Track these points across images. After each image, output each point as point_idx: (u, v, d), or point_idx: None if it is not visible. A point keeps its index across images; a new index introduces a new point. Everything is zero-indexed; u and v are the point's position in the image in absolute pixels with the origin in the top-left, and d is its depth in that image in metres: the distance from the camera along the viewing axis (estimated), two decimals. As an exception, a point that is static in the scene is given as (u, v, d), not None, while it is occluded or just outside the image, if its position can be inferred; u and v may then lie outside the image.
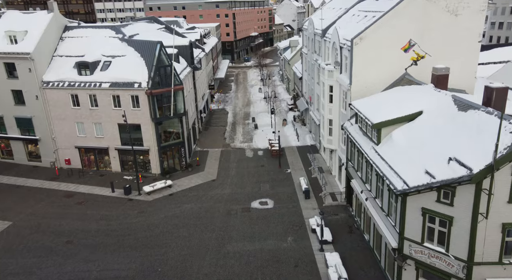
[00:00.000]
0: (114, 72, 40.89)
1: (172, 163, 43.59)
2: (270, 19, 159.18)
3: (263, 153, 48.82)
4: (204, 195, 38.00)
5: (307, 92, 55.78)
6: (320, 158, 45.28)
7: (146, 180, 41.38)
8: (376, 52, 30.83)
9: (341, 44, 34.12)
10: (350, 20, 38.48)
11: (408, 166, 21.07)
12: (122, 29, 46.50)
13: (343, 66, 34.67)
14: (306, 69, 55.25)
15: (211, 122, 62.55)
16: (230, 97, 79.92)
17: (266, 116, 62.75)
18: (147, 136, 41.26)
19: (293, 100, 71.24)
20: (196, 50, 62.68)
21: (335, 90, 36.35)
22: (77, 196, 38.01)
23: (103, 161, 43.76)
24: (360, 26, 33.11)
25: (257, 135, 55.26)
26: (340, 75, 35.11)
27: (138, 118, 40.71)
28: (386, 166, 22.74)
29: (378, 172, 23.45)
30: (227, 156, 48.17)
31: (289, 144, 51.40)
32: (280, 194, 37.49)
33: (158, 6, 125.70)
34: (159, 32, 57.61)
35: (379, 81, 31.38)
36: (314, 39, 47.73)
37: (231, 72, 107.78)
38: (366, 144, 26.86)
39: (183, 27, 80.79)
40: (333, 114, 37.05)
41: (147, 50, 40.93)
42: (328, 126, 38.05)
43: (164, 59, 40.43)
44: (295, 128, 55.42)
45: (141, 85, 39.55)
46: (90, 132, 42.30)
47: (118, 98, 40.43)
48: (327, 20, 43.37)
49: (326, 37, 40.81)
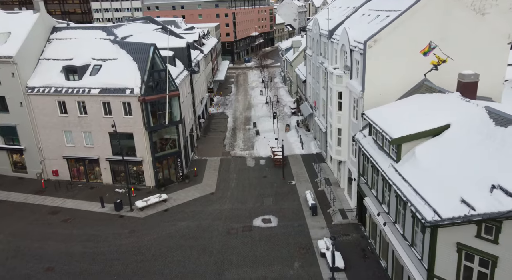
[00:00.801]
0: (104, 77, 37.80)
1: (167, 174, 40.48)
2: (271, 19, 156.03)
3: (265, 162, 45.72)
4: (201, 211, 34.90)
5: (311, 96, 52.67)
6: (327, 168, 42.16)
7: (140, 193, 38.30)
8: (392, 55, 27.71)
9: (351, 47, 31.01)
10: (360, 20, 35.37)
11: (438, 192, 17.95)
12: (114, 30, 43.40)
13: (353, 70, 31.56)
14: (310, 72, 52.15)
15: (210, 128, 59.45)
16: (230, 100, 76.84)
17: (267, 121, 59.64)
18: (140, 146, 38.18)
19: (296, 103, 68.12)
20: (194, 51, 59.62)
21: (344, 97, 33.23)
22: (63, 212, 34.91)
23: (94, 173, 40.66)
24: (372, 27, 29.99)
25: (258, 142, 52.16)
26: (350, 80, 32.00)
27: (130, 127, 37.62)
28: (410, 190, 19.62)
29: (400, 195, 20.34)
30: (227, 165, 45.07)
31: (292, 152, 48.29)
32: (284, 210, 34.39)
33: (156, 5, 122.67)
34: (155, 33, 54.53)
35: (395, 88, 28.26)
36: (319, 41, 44.62)
37: (231, 74, 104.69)
38: (383, 161, 23.75)
39: (181, 27, 77.67)
40: (342, 123, 33.93)
41: (139, 53, 37.82)
42: (336, 135, 34.94)
43: (158, 63, 37.32)
44: (299, 135, 52.29)
45: (133, 91, 36.45)
46: (79, 141, 39.21)
47: (108, 105, 37.35)
48: (334, 20, 40.26)
49: (334, 39, 37.70)
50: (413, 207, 18.61)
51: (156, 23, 61.49)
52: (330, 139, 37.11)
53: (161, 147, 39.62)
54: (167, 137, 40.10)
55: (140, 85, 36.46)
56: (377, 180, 25.34)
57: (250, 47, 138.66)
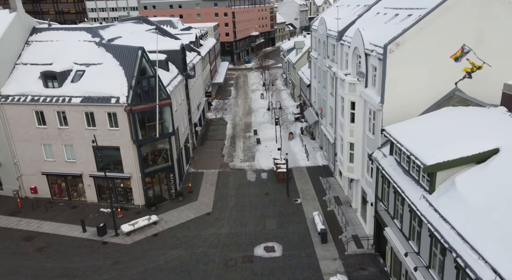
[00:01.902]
0: (87, 84, 33.74)
1: (159, 191, 36.40)
2: (271, 18, 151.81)
3: (268, 176, 41.62)
4: (196, 236, 30.84)
5: (317, 102, 48.58)
6: (335, 183, 38.06)
7: (127, 214, 34.25)
8: (417, 61, 23.61)
9: (366, 51, 26.91)
10: (374, 19, 31.28)
11: (496, 241, 13.87)
12: (100, 32, 39.30)
13: (369, 78, 27.46)
14: (316, 76, 48.06)
15: (207, 135, 55.36)
16: (229, 104, 72.75)
17: (269, 128, 55.47)
18: (128, 161, 34.11)
19: (299, 108, 64.03)
20: (190, 53, 55.54)
21: (358, 108, 29.13)
22: (38, 238, 30.84)
23: (77, 190, 36.59)
24: (391, 28, 25.91)
25: (259, 152, 48.06)
26: (366, 89, 27.90)
27: (116, 140, 33.55)
28: (453, 234, 15.52)
29: (438, 237, 16.29)
30: (225, 179, 40.98)
31: (297, 163, 44.20)
32: (289, 235, 30.32)
33: (153, 4, 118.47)
34: (148, 35, 50.43)
35: (420, 99, 24.17)
36: (326, 42, 40.53)
37: (230, 75, 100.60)
38: (411, 189, 19.69)
39: (177, 27, 73.53)
40: (356, 137, 29.84)
41: (126, 57, 33.74)
42: (348, 150, 30.84)
43: (147, 68, 33.22)
44: (304, 144, 48.14)
45: (119, 100, 32.38)
46: (59, 155, 35.14)
47: (91, 115, 33.29)
48: (343, 20, 36.18)
49: (344, 41, 33.60)
50: (460, 260, 14.54)
51: (150, 23, 57.42)
52: (341, 153, 33.00)
53: (152, 161, 35.54)
54: (158, 150, 36.03)
55: (127, 94, 32.40)
56: (403, 210, 21.28)
57: (250, 47, 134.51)
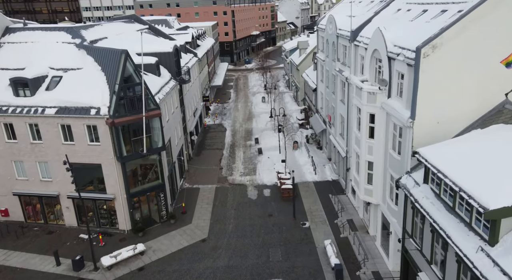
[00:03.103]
0: (64, 92, 29.32)
1: (148, 213, 32.00)
2: (272, 17, 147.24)
3: (271, 192, 37.20)
4: (188, 270, 26.42)
5: (324, 108, 44.15)
6: (348, 202, 33.66)
7: (111, 241, 29.87)
8: (458, 67, 19.19)
9: (390, 54, 22.46)
10: (396, 17, 26.82)
11: None
12: (82, 32, 34.86)
13: (393, 86, 23.00)
14: (323, 80, 43.62)
15: (204, 144, 50.91)
16: (228, 108, 68.28)
17: (271, 136, 51.00)
18: (111, 180, 29.71)
19: (303, 113, 59.56)
20: (186, 55, 51.13)
21: (379, 121, 24.67)
22: (3, 274, 26.44)
23: (54, 212, 32.19)
24: (422, 27, 21.50)
25: (261, 164, 43.61)
26: (389, 100, 23.44)
27: (97, 157, 29.15)
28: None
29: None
30: (223, 197, 36.57)
31: (303, 178, 39.74)
32: (298, 270, 25.90)
33: (150, 3, 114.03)
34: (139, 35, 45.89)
35: (460, 114, 19.74)
36: (336, 43, 36.08)
37: (230, 76, 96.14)
38: (460, 234, 15.27)
39: (173, 27, 69.03)
40: (375, 154, 25.39)
41: (109, 61, 29.31)
42: (365, 170, 26.40)
43: (133, 75, 28.78)
44: (310, 156, 43.61)
45: (99, 111, 27.95)
46: (33, 174, 30.75)
47: (68, 129, 28.90)
48: (357, 18, 31.76)
49: (359, 42, 29.16)
50: None
51: (142, 22, 52.92)
52: (356, 173, 28.54)
53: (139, 180, 31.15)
54: (147, 167, 31.63)
55: (109, 104, 27.98)
56: (445, 257, 16.86)
57: (251, 47, 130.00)
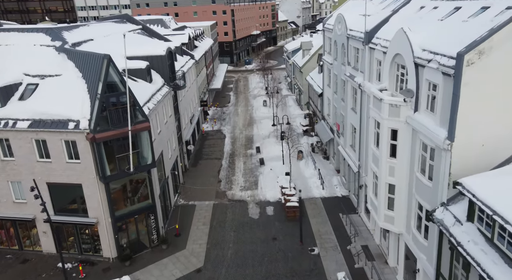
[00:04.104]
0: (40, 102, 25.76)
1: (136, 238, 28.46)
2: (273, 16, 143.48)
3: (274, 210, 33.62)
4: (180, 309, 22.94)
5: (331, 115, 40.57)
6: (361, 224, 30.09)
7: (93, 271, 26.33)
8: (509, 78, 15.60)
9: (418, 60, 18.86)
10: (420, 16, 23.18)
11: None
12: (64, 34, 31.34)
13: (422, 98, 19.39)
14: (330, 85, 40.04)
15: (202, 153, 47.31)
16: (228, 112, 64.66)
17: (274, 144, 47.35)
18: (94, 203, 26.15)
19: (308, 118, 55.94)
20: (182, 57, 47.58)
21: (403, 138, 21.07)
22: (-33, 316, 23.03)
23: (30, 237, 28.65)
24: (458, 28, 17.91)
25: (264, 177, 40.00)
26: (416, 114, 19.83)
27: (77, 176, 25.59)
28: None
29: None
30: (222, 216, 33.00)
31: (310, 193, 36.14)
32: (307, 309, 22.39)
33: (146, 2, 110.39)
34: (131, 36, 42.39)
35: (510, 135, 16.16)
36: (346, 45, 32.49)
37: (230, 78, 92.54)
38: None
39: (169, 27, 65.59)
40: (398, 177, 21.80)
41: (90, 67, 25.73)
42: (385, 193, 22.80)
43: (117, 83, 25.10)
44: (318, 168, 39.91)
45: (79, 124, 24.38)
46: (5, 194, 27.16)
47: (44, 144, 25.33)
48: (372, 17, 28.18)
49: (375, 44, 25.56)
50: None
51: (135, 22, 49.45)
52: (373, 194, 24.94)
53: (127, 200, 27.59)
54: (135, 186, 28.06)
55: (90, 116, 24.42)
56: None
57: (251, 47, 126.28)
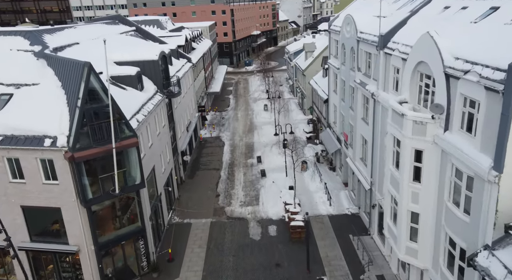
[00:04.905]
0: (13, 115, 22.73)
1: (123, 265, 25.50)
2: (273, 15, 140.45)
3: (277, 230, 30.66)
4: None
5: (338, 124, 37.61)
6: (375, 248, 27.11)
7: (75, 306, 23.39)
8: None
9: (450, 71, 15.87)
10: (446, 17, 20.16)
11: None
12: (45, 37, 28.39)
13: (454, 115, 16.39)
14: (337, 91, 37.10)
15: (199, 163, 44.35)
16: (227, 117, 61.70)
17: (276, 153, 44.26)
18: (74, 229, 23.17)
19: (311, 125, 53.03)
20: (179, 61, 44.71)
21: (429, 161, 18.07)
22: None
23: (4, 264, 25.69)
24: (501, 32, 14.92)
25: (265, 190, 37.03)
26: (447, 134, 16.83)
27: (55, 199, 22.61)
28: None
29: None
30: (220, 236, 30.03)
31: (316, 209, 33.18)
32: None
33: (144, 2, 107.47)
34: (123, 39, 39.52)
35: None
36: (356, 49, 29.50)
37: (229, 80, 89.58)
38: None
39: (166, 28, 62.60)
40: (423, 204, 18.81)
41: (70, 76, 22.75)
42: (407, 222, 19.81)
43: (99, 93, 22.14)
44: (324, 182, 36.85)
45: (56, 141, 21.41)
46: (-24, 219, 24.24)
47: (17, 163, 22.36)
48: (387, 19, 25.20)
49: (392, 49, 22.58)
50: None
51: (128, 23, 46.61)
52: (392, 221, 21.93)
53: (113, 223, 24.64)
54: (122, 208, 25.11)
55: (69, 132, 21.47)
56: None
57: (251, 47, 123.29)
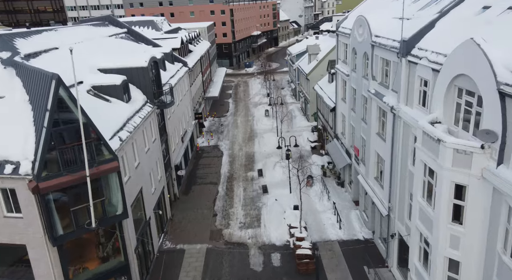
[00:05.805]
0: (-29, 135, 19.31)
1: (104, 307, 22.02)
2: (274, 15, 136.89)
3: (281, 259, 27.11)
4: None
5: (347, 136, 34.09)
6: (393, 284, 23.63)
7: None
8: None
9: (507, 89, 12.34)
10: (487, 19, 16.53)
11: None
12: (16, 42, 24.83)
13: (510, 145, 12.84)
14: (346, 99, 33.59)
15: (195, 176, 40.80)
16: (226, 124, 58.18)
17: (278, 166, 40.74)
18: (42, 269, 19.65)
19: (316, 133, 49.50)
20: (174, 65, 41.24)
21: (475, 199, 14.49)
22: None
23: (-34, 308, 22.24)
24: None
25: (268, 210, 33.48)
26: (500, 168, 13.26)
27: (20, 235, 19.12)
28: None
29: None
30: (217, 267, 26.51)
31: (324, 234, 29.65)
32: None
33: (140, 2, 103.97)
34: (111, 42, 36.04)
35: None
36: (371, 55, 25.85)
37: (228, 83, 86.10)
38: None
39: (161, 29, 59.12)
40: (465, 251, 15.23)
41: (38, 89, 19.25)
42: (443, 270, 16.20)
43: (71, 110, 18.62)
44: (333, 202, 33.25)
45: (19, 168, 17.93)
46: None
47: (-26, 194, 18.90)
48: (410, 22, 21.66)
49: (418, 58, 19.00)
50: None
51: (119, 25, 43.14)
52: (419, 262, 18.34)
53: (89, 260, 21.14)
54: (102, 240, 21.61)
55: (34, 156, 17.95)
56: None
57: (252, 48, 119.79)
